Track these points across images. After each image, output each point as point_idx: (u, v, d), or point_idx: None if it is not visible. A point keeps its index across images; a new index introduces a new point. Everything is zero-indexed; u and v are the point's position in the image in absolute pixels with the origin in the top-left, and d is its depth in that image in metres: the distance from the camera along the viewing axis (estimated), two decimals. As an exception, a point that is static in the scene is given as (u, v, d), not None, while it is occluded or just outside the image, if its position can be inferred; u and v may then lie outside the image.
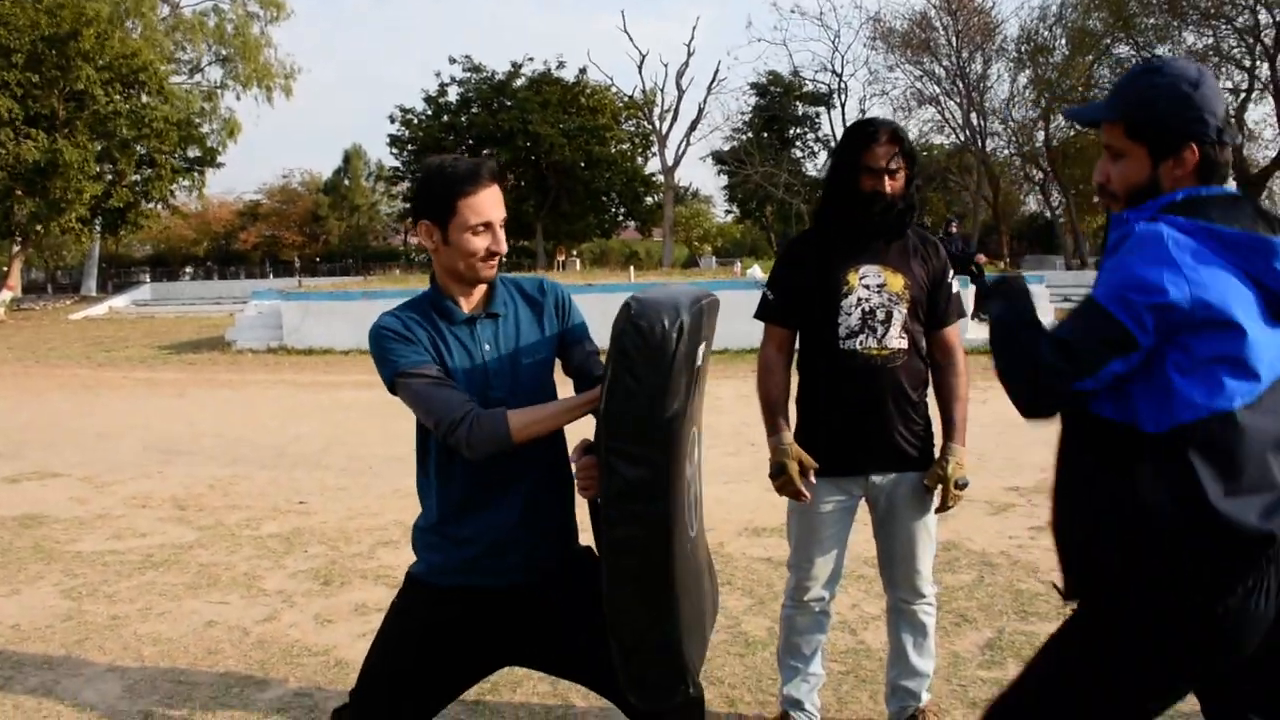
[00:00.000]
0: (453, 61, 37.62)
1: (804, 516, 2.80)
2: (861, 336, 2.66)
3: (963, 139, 32.84)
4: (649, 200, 41.21)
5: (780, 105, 37.82)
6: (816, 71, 37.95)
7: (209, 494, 6.49)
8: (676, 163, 38.21)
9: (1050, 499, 1.86)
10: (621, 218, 43.08)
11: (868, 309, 2.66)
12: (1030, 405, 1.70)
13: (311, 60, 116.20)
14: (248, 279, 42.91)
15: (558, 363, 2.17)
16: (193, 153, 32.46)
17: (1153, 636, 1.66)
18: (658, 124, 37.32)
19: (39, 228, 28.41)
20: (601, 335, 1.80)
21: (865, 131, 2.64)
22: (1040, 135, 31.89)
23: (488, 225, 1.97)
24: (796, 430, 2.79)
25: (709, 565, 2.18)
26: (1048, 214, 40.19)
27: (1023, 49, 30.17)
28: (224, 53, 38.82)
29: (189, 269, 52.55)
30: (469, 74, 37.40)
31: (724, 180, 41.49)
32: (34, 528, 5.69)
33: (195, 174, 32.95)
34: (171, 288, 33.81)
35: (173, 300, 29.87)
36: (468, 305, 2.06)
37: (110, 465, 7.53)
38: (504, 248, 2.01)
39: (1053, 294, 20.67)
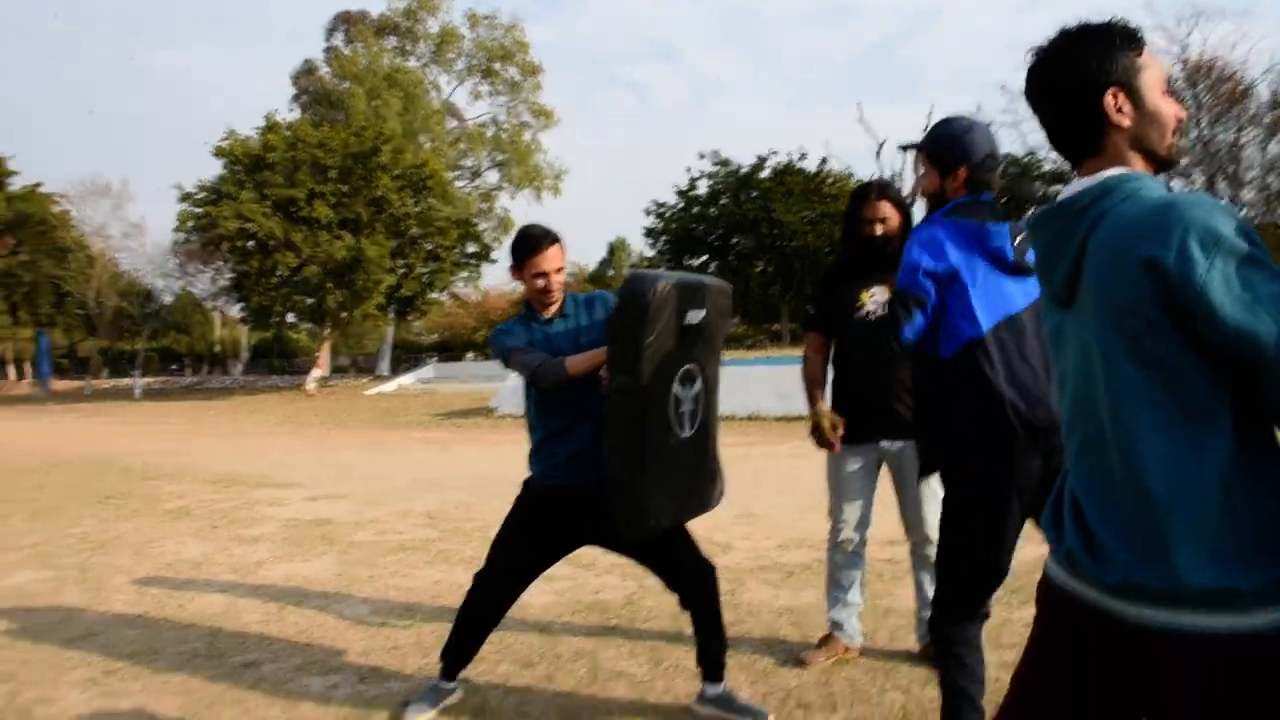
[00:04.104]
0: (702, 156, 39.87)
1: (836, 477, 3.72)
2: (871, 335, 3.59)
3: None
4: (894, 281, 41.38)
5: (1018, 185, 37.19)
6: (1049, 151, 36.86)
7: (454, 511, 7.96)
8: (920, 244, 38.32)
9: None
10: (868, 299, 43.39)
11: (874, 319, 3.59)
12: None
13: (579, 161, 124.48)
14: (520, 362, 46.49)
15: None
16: (471, 248, 36.29)
17: (972, 483, 2.59)
18: (912, 213, 37.65)
19: (344, 314, 32.76)
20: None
21: (862, 191, 3.64)
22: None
23: (544, 274, 3.18)
24: (831, 408, 3.73)
25: (710, 469, 3.14)
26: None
27: (1276, 113, 28.28)
28: (499, 158, 43.26)
29: (471, 353, 57.64)
30: (717, 167, 39.51)
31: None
32: (323, 526, 7.34)
33: (473, 267, 36.76)
34: (453, 367, 37.45)
35: (453, 378, 33.16)
36: (547, 314, 3.27)
37: (383, 493, 9.25)
38: (554, 287, 3.20)
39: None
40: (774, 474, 9.64)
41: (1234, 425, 1.40)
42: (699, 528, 3.35)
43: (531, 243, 3.20)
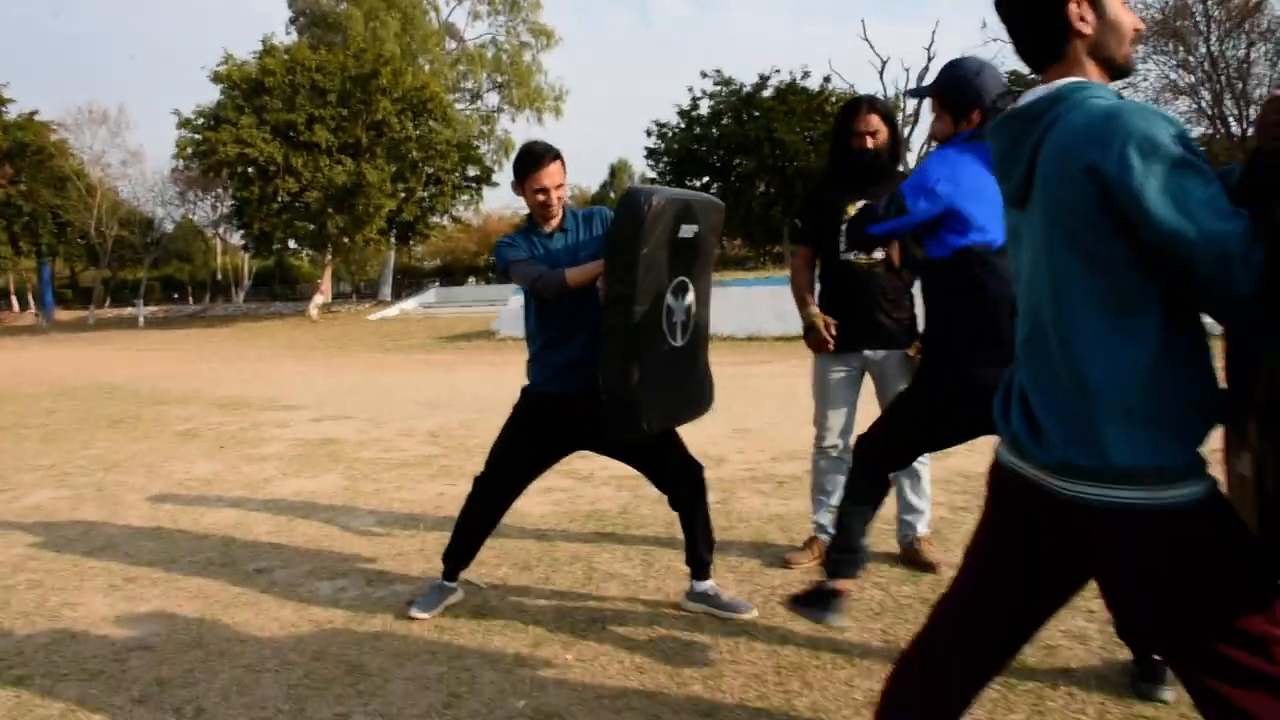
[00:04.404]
0: (704, 75, 39.29)
1: (821, 385, 3.85)
2: (855, 251, 3.69)
3: (1215, 129, 30.39)
4: (898, 202, 41.11)
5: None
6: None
7: (457, 430, 8.15)
8: (923, 163, 38.02)
9: None
10: (871, 220, 43.13)
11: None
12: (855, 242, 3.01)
13: (581, 82, 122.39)
14: (522, 286, 46.51)
15: None
16: (472, 171, 36.06)
17: (944, 376, 2.76)
18: (900, 128, 37.24)
19: (345, 240, 32.74)
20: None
21: (853, 104, 3.70)
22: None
23: (545, 190, 3.27)
24: None
25: (700, 377, 3.26)
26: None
27: (1286, 29, 27.66)
28: (500, 80, 42.71)
29: (472, 278, 57.70)
30: (719, 87, 38.91)
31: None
32: (329, 445, 7.54)
33: (473, 190, 36.56)
34: (454, 291, 37.49)
35: (455, 303, 33.22)
36: (548, 228, 3.37)
37: (387, 413, 9.44)
38: (554, 201, 3.29)
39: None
40: (771, 392, 9.81)
41: (1164, 320, 1.52)
42: (696, 441, 3.50)
43: (533, 159, 3.29)
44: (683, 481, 3.36)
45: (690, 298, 3.14)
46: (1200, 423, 1.54)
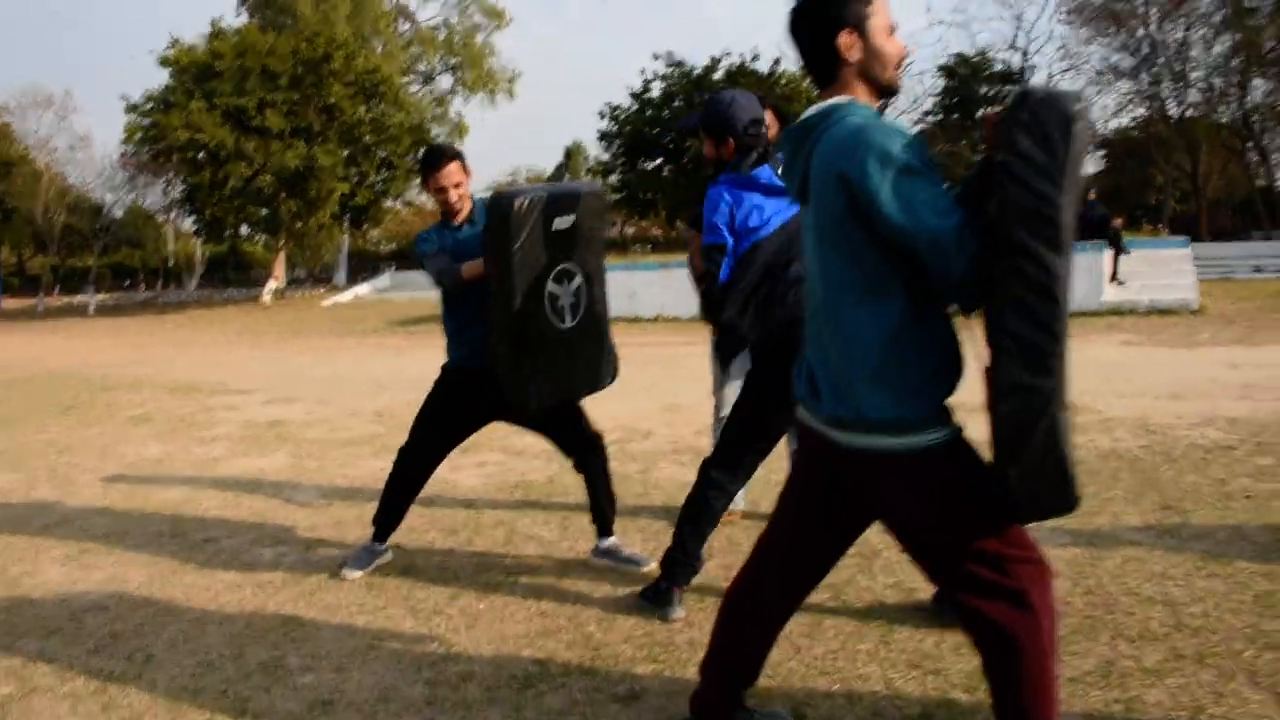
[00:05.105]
0: (656, 58, 39.46)
1: (717, 362, 4.24)
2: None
3: (1151, 110, 31.24)
4: (849, 183, 41.60)
5: (968, 86, 37.23)
6: (998, 51, 37.02)
7: (402, 409, 8.46)
8: (872, 145, 38.47)
9: None
10: (824, 201, 43.62)
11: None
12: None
13: (535, 63, 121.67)
14: (478, 270, 46.41)
15: None
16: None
17: (760, 360, 3.18)
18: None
19: (299, 224, 32.66)
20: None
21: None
22: (1238, 103, 29.93)
23: (443, 189, 3.66)
24: None
25: (597, 352, 3.58)
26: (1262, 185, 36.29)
27: (1224, 12, 28.44)
28: (453, 62, 42.64)
29: (427, 262, 57.48)
30: (671, 69, 39.17)
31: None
32: (277, 426, 7.84)
33: (428, 174, 36.55)
34: (409, 276, 37.41)
35: (409, 287, 33.23)
36: (456, 220, 3.73)
37: (335, 394, 9.73)
38: (453, 199, 3.69)
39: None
40: (706, 371, 10.19)
41: (906, 299, 1.92)
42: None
43: (433, 161, 3.68)
44: (585, 449, 3.75)
45: (578, 281, 3.48)
46: (936, 384, 1.94)
